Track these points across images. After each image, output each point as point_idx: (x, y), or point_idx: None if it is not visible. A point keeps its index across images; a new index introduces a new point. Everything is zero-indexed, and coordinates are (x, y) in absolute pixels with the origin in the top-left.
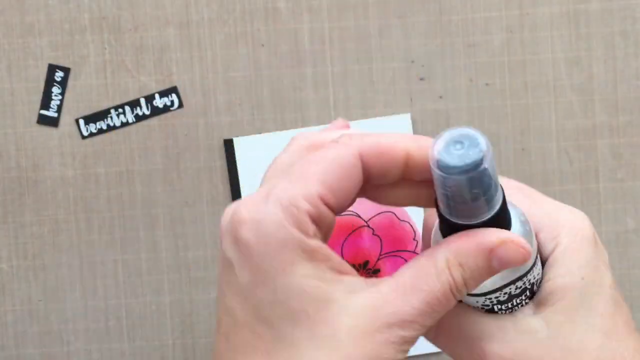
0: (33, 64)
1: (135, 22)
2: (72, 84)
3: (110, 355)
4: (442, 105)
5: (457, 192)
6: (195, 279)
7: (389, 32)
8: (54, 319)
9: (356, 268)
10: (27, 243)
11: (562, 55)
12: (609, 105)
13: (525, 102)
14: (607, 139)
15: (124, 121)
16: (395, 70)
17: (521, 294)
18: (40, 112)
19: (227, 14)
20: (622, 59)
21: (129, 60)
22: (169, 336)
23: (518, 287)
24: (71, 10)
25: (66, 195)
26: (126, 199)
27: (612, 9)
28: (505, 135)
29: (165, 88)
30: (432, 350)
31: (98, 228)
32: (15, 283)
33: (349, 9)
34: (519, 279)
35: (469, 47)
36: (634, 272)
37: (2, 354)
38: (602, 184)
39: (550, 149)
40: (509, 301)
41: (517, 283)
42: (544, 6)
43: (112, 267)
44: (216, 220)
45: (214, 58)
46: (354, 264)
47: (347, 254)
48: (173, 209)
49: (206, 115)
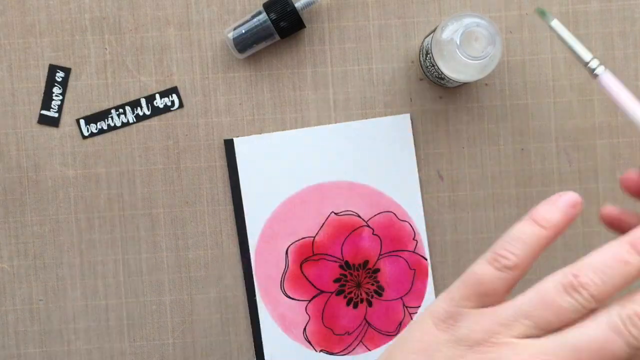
0: (34, 64)
1: (135, 23)
2: (72, 84)
3: (110, 354)
4: (442, 105)
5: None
6: (195, 279)
7: (389, 32)
8: (54, 319)
9: (356, 267)
10: (28, 243)
11: (561, 56)
12: (608, 106)
13: (524, 102)
14: (607, 139)
15: (124, 121)
16: (395, 70)
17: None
18: (41, 112)
19: (227, 14)
20: (621, 60)
21: (129, 60)
22: (169, 336)
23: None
24: (72, 10)
25: (67, 195)
26: (126, 199)
27: (611, 10)
28: (505, 135)
29: (165, 88)
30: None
31: (98, 228)
32: (16, 282)
33: (349, 9)
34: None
35: None
36: None
37: (3, 353)
38: (602, 184)
39: (549, 149)
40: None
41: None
42: (543, 6)
43: (113, 266)
44: (216, 220)
45: (214, 58)
46: (354, 264)
47: (347, 253)
48: (173, 209)
49: (206, 115)
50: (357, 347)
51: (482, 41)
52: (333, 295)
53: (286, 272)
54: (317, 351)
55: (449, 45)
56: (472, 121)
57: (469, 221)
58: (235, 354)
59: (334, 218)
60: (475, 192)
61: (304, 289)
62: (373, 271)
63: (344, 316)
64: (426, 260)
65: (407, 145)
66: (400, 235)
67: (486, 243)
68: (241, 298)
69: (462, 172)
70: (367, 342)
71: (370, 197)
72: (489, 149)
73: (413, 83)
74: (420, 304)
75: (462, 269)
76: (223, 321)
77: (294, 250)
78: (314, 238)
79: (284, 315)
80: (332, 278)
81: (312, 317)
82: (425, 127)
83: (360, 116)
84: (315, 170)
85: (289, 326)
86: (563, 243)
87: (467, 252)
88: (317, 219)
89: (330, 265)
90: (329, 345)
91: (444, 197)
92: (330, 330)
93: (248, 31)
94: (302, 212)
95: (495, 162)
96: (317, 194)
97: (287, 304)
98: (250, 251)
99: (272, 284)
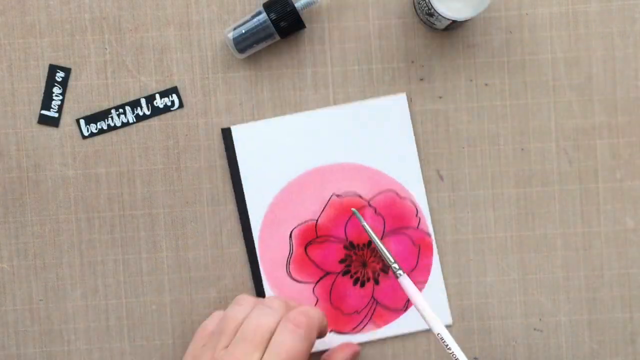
0: (34, 64)
1: (135, 23)
2: (72, 84)
3: (110, 354)
4: (441, 105)
5: None
6: (195, 279)
7: (389, 32)
8: (54, 319)
9: (360, 247)
10: (28, 243)
11: (561, 56)
12: (608, 106)
13: (524, 102)
14: (606, 139)
15: (124, 121)
16: (395, 70)
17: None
18: (41, 112)
19: (227, 14)
20: (621, 60)
21: (129, 60)
22: (169, 336)
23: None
24: (72, 10)
25: (67, 195)
26: (127, 199)
27: (611, 10)
28: (505, 135)
29: (165, 88)
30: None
31: (98, 228)
32: (16, 282)
33: (349, 9)
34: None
35: (468, 47)
36: (633, 271)
37: (3, 353)
38: (602, 184)
39: (549, 149)
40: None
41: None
42: (543, 7)
43: (113, 266)
44: (216, 220)
45: (214, 58)
46: (359, 244)
47: (351, 234)
48: (173, 209)
49: (206, 115)
50: (367, 325)
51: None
52: (339, 275)
53: (291, 256)
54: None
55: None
56: (472, 121)
57: (469, 221)
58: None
59: (335, 200)
60: (475, 192)
61: (310, 271)
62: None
63: (351, 296)
64: (430, 236)
65: (405, 124)
66: (403, 213)
67: (486, 243)
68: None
69: (462, 172)
70: (376, 320)
71: (370, 177)
72: (489, 149)
73: (413, 83)
74: (427, 278)
75: (462, 268)
76: None
77: (297, 234)
78: (316, 221)
79: (292, 299)
80: (338, 259)
81: (320, 298)
82: (425, 127)
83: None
84: (315, 154)
85: None
86: (563, 243)
87: (467, 252)
88: (318, 201)
89: (334, 246)
90: (338, 325)
91: (444, 197)
92: (339, 310)
93: (248, 31)
94: (304, 195)
95: (495, 162)
96: (318, 177)
97: (295, 287)
98: (255, 238)
99: (278, 268)
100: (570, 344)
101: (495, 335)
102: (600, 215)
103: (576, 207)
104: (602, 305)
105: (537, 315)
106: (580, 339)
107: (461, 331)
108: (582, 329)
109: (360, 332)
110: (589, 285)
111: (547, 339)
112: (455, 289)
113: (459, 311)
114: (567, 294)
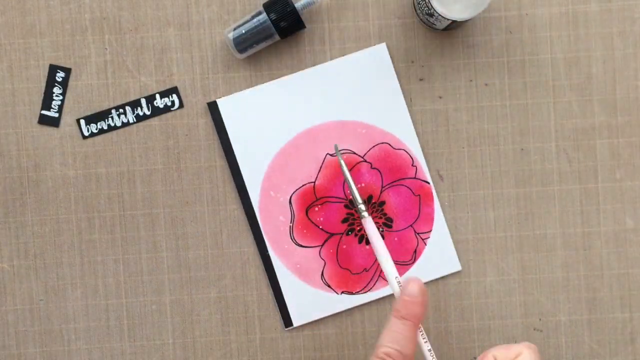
0: (34, 64)
1: (135, 23)
2: (73, 84)
3: (110, 354)
4: (441, 105)
5: None
6: (195, 279)
7: (389, 32)
8: (54, 318)
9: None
10: (28, 242)
11: (561, 56)
12: (607, 106)
13: (524, 102)
14: (606, 139)
15: (124, 121)
16: (395, 70)
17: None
18: (42, 112)
19: (227, 14)
20: (620, 60)
21: (129, 60)
22: (169, 335)
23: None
24: (72, 10)
25: (67, 195)
26: (127, 199)
27: (610, 10)
28: (505, 135)
29: (165, 88)
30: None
31: (99, 228)
32: (17, 282)
33: (349, 9)
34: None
35: (468, 47)
36: (633, 271)
37: (3, 353)
38: (601, 184)
39: (549, 149)
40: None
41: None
42: (543, 7)
43: (113, 266)
44: (216, 220)
45: (214, 58)
46: None
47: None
48: (173, 209)
49: (206, 115)
50: (377, 282)
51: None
52: (344, 235)
53: (293, 222)
54: (338, 294)
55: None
56: (472, 121)
57: (469, 221)
58: (234, 354)
59: (330, 160)
60: (475, 192)
61: (314, 235)
62: (379, 204)
63: (358, 254)
64: (429, 184)
65: (389, 75)
66: (399, 164)
67: (486, 243)
68: (253, 256)
69: (462, 172)
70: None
71: (362, 132)
72: (489, 149)
73: (413, 83)
74: (431, 228)
75: (462, 269)
76: (223, 321)
77: (296, 198)
78: (314, 183)
79: (299, 265)
80: (340, 219)
81: (327, 261)
82: (425, 127)
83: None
84: (302, 116)
85: (307, 274)
86: (563, 243)
87: (467, 252)
88: (313, 163)
89: (335, 206)
90: (349, 286)
91: (444, 197)
92: (347, 270)
93: (248, 31)
94: (298, 159)
95: (495, 162)
96: (309, 138)
97: (301, 253)
98: (255, 209)
99: (281, 236)
100: (570, 344)
101: (495, 335)
102: (600, 215)
103: (576, 207)
104: (602, 305)
105: (537, 315)
106: (580, 339)
107: (461, 331)
108: (581, 328)
109: (372, 291)
110: (588, 285)
111: (546, 339)
112: (455, 289)
113: (459, 311)
114: (566, 294)
